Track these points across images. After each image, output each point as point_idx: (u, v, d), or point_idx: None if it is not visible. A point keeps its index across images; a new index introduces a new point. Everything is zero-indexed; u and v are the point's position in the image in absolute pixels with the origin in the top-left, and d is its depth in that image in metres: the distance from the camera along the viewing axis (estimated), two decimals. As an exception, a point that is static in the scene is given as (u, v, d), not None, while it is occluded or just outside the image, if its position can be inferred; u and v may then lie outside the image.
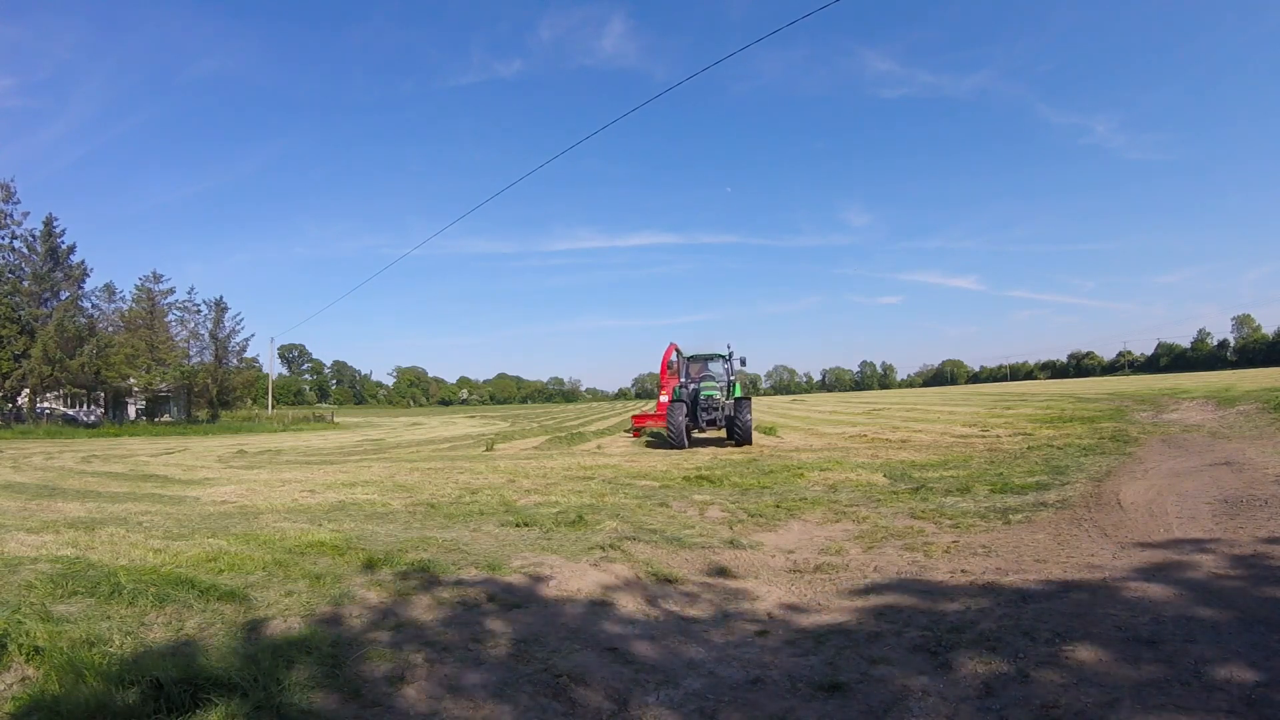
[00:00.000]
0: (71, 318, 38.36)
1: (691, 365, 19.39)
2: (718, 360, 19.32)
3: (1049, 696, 2.78)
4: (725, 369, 19.01)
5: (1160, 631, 3.36)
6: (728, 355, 19.16)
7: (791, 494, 8.65)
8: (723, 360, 19.21)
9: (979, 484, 8.58)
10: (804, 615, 4.19)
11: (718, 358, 19.28)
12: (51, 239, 39.10)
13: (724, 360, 19.19)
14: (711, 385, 17.74)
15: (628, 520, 7.02)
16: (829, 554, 5.62)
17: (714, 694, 3.05)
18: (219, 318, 47.90)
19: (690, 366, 19.34)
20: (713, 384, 17.84)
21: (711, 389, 17.54)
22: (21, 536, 6.34)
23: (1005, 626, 3.59)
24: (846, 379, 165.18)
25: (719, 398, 17.31)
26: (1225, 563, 4.50)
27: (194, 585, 4.48)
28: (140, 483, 12.29)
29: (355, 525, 7.09)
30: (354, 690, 3.03)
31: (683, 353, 19.66)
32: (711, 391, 17.42)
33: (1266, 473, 7.70)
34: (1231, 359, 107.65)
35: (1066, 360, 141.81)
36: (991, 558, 5.22)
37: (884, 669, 3.20)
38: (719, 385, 17.77)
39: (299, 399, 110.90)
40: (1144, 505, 6.64)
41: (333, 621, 3.94)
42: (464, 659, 3.41)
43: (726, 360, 19.18)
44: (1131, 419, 17.64)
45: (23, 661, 3.20)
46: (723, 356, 19.16)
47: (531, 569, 4.98)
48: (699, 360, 19.44)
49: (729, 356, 19.16)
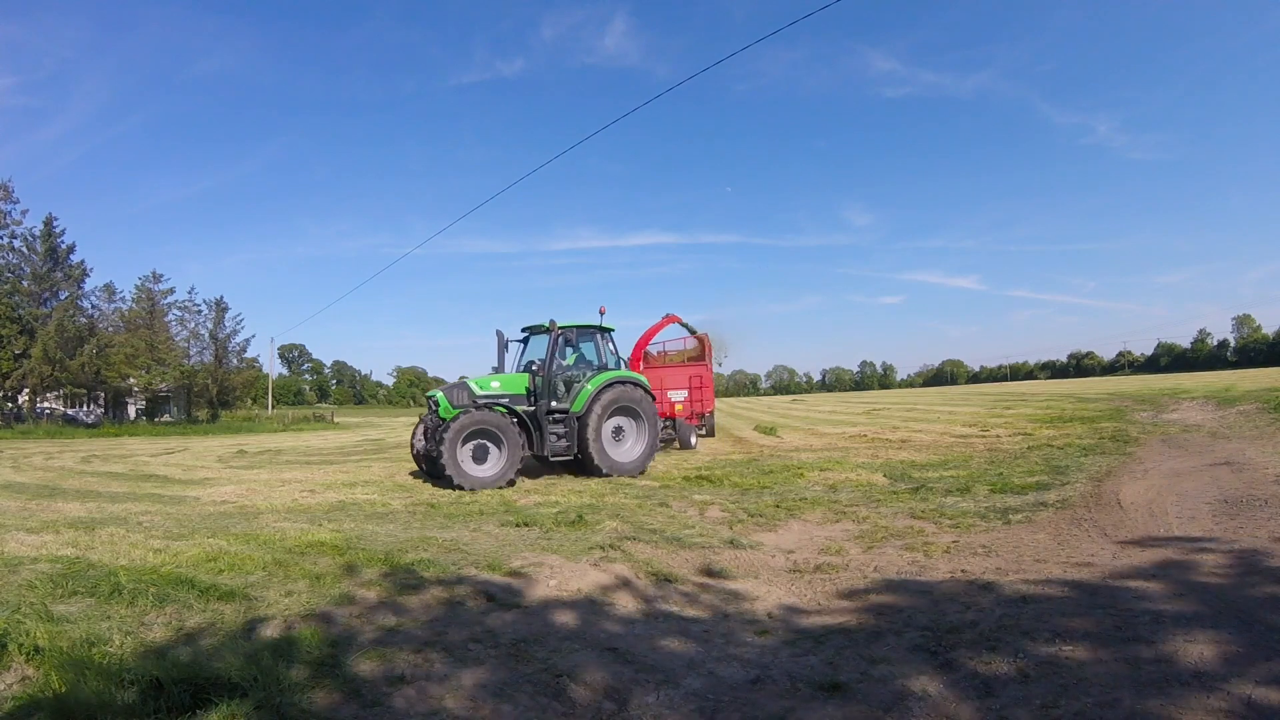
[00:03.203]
0: (71, 318, 38.36)
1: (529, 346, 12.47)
2: (588, 334, 12.23)
3: (1049, 696, 2.78)
4: (601, 350, 12.27)
5: (1160, 631, 3.36)
6: (599, 328, 12.23)
7: (791, 494, 8.65)
8: (596, 334, 12.25)
9: (979, 484, 8.58)
10: (804, 615, 4.19)
11: (590, 331, 12.22)
12: (51, 239, 39.07)
13: (596, 335, 12.25)
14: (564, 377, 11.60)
15: (628, 520, 7.02)
16: (829, 554, 5.62)
17: (714, 694, 3.05)
18: (219, 318, 47.85)
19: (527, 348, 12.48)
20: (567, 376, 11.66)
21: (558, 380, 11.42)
22: (21, 536, 6.35)
23: (1005, 626, 3.59)
24: (846, 379, 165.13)
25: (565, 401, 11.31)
26: (1225, 562, 4.50)
27: (194, 585, 4.48)
28: (140, 483, 12.29)
29: (355, 525, 7.09)
30: (354, 690, 3.03)
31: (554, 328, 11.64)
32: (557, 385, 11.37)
33: (1266, 473, 7.70)
34: (1232, 359, 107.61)
35: (1066, 360, 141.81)
36: (991, 558, 5.22)
37: (884, 669, 3.20)
38: (577, 378, 11.67)
39: (299, 399, 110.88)
40: (1144, 505, 6.64)
41: (332, 621, 3.94)
42: (464, 658, 3.41)
43: (602, 336, 12.29)
44: (1131, 419, 17.64)
45: (23, 661, 3.20)
46: (596, 329, 12.23)
47: (531, 569, 4.99)
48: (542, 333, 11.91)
49: (601, 330, 12.27)
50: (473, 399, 10.97)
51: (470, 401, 10.93)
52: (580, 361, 12.20)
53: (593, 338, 12.34)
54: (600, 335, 12.33)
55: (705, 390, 18.44)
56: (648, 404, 11.95)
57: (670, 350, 20.53)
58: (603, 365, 12.16)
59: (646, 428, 11.90)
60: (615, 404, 11.47)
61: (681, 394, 18.55)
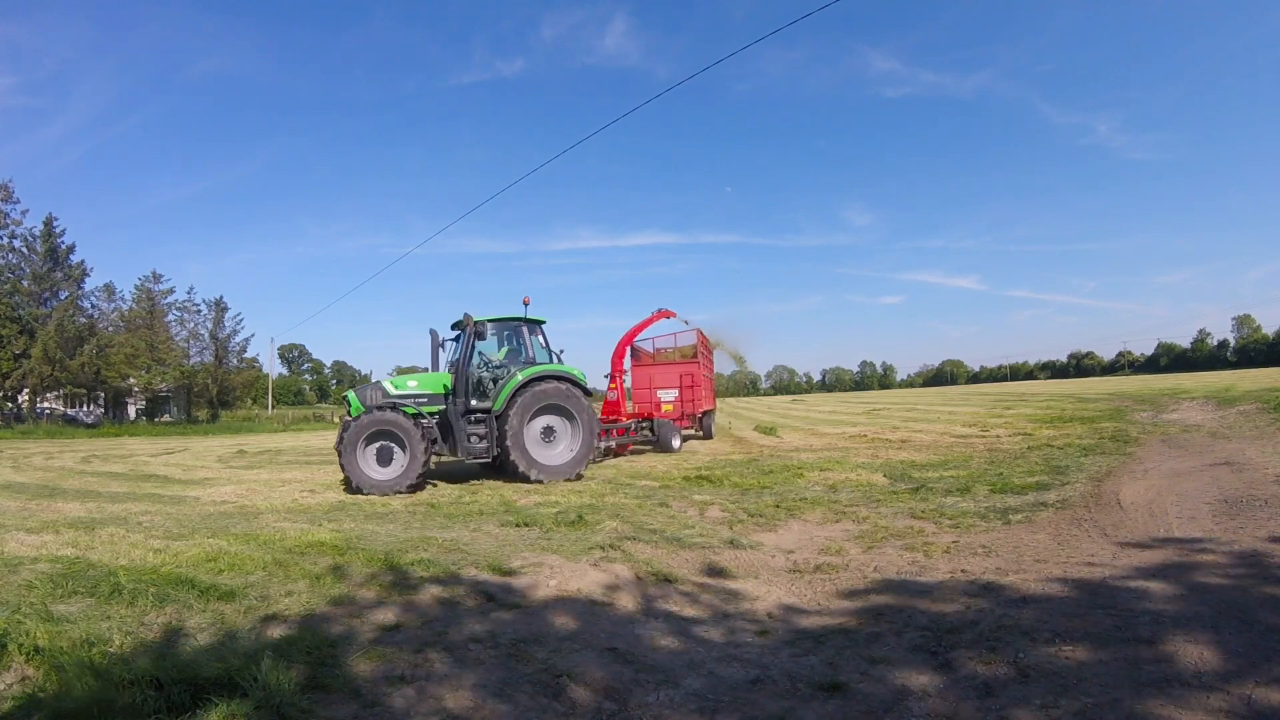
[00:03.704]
0: (71, 318, 38.39)
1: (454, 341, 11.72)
2: (512, 328, 11.65)
3: (1049, 696, 2.78)
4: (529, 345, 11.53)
5: (1160, 631, 3.36)
6: (525, 320, 11.61)
7: (791, 494, 8.65)
8: (523, 327, 11.61)
9: (979, 484, 8.58)
10: (804, 615, 4.19)
11: (514, 324, 11.62)
12: (51, 239, 39.12)
13: (522, 328, 11.61)
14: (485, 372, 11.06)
15: (627, 520, 7.02)
16: (829, 554, 5.62)
17: (714, 694, 3.05)
18: (219, 318, 47.91)
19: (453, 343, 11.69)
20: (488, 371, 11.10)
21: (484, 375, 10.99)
22: (21, 536, 6.35)
23: (1005, 626, 3.59)
24: (847, 379, 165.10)
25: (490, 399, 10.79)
26: (1225, 563, 4.50)
27: (194, 585, 4.48)
28: (140, 483, 12.29)
29: (355, 525, 7.09)
30: (354, 690, 3.03)
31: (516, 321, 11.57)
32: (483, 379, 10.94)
33: (1266, 473, 7.69)
34: (1232, 359, 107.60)
35: (1066, 360, 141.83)
36: (991, 558, 5.22)
37: (884, 669, 3.20)
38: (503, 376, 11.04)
39: (299, 399, 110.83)
40: (1144, 505, 6.64)
41: (332, 621, 3.94)
42: (463, 658, 3.41)
43: (530, 329, 11.66)
44: (1131, 419, 17.64)
45: (23, 661, 3.20)
46: (522, 321, 11.61)
47: (531, 569, 4.99)
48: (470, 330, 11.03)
49: (528, 322, 11.64)
50: (387, 398, 10.67)
51: (383, 401, 10.60)
52: (512, 358, 11.54)
53: (518, 331, 11.63)
54: (528, 328, 11.62)
55: (697, 389, 17.66)
56: (580, 402, 11.15)
57: (662, 347, 19.46)
58: (530, 361, 11.39)
59: (581, 428, 11.11)
60: (541, 402, 10.82)
61: (672, 393, 17.81)
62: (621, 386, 16.31)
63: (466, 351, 10.98)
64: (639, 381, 18.55)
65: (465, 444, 10.65)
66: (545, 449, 11.03)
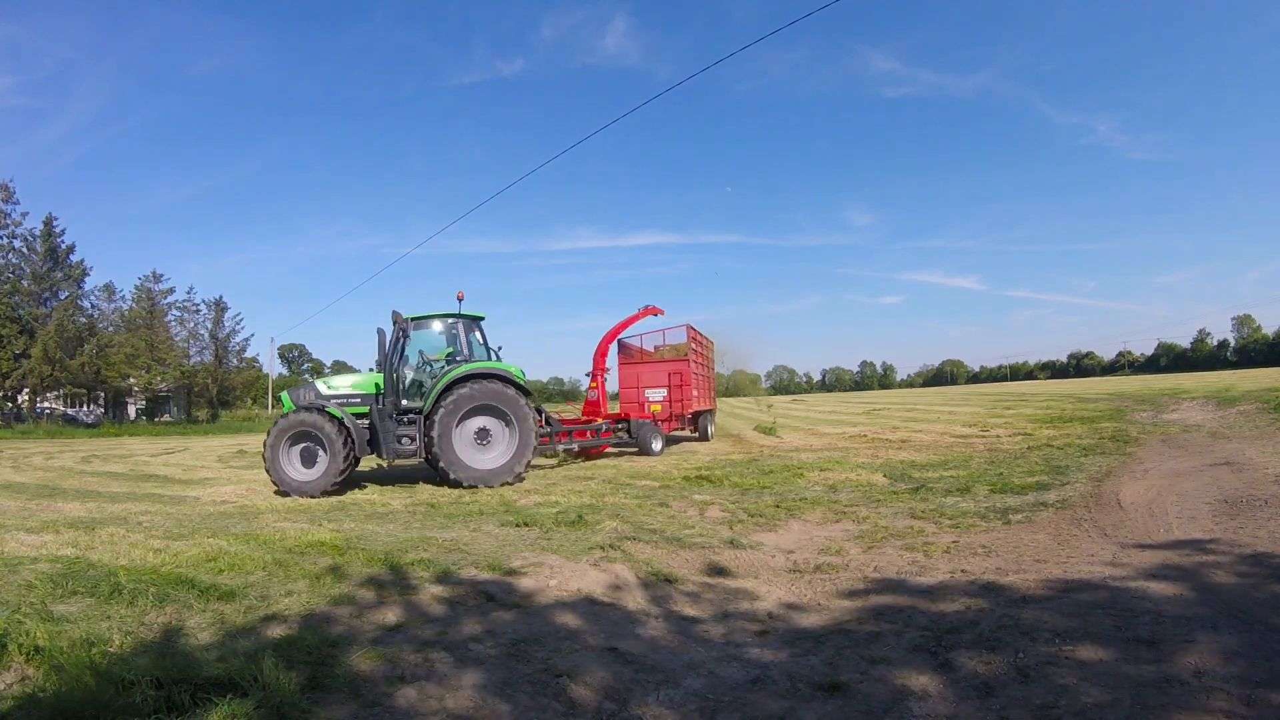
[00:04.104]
0: (71, 318, 38.40)
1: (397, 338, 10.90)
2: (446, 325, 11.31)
3: (1049, 696, 2.78)
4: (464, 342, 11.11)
5: (1160, 631, 3.37)
6: (459, 316, 11.24)
7: (791, 494, 8.65)
8: (458, 324, 11.21)
9: (979, 484, 8.58)
10: (804, 615, 4.19)
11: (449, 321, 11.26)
12: (51, 239, 39.13)
13: (457, 325, 11.21)
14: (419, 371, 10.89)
15: (628, 520, 7.02)
16: (829, 554, 5.62)
17: (714, 694, 3.05)
18: (219, 318, 47.92)
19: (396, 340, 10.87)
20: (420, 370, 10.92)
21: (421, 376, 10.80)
22: (21, 536, 6.35)
23: (1005, 626, 3.59)
24: (847, 379, 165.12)
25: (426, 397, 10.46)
26: (1225, 563, 4.50)
27: (194, 585, 4.48)
28: (140, 483, 12.29)
29: (355, 525, 7.09)
30: (354, 690, 3.03)
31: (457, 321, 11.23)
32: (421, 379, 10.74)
33: (1266, 473, 7.70)
34: (1232, 359, 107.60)
35: (1066, 360, 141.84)
36: (991, 558, 5.22)
37: (884, 669, 3.20)
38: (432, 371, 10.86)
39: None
40: (1144, 505, 6.64)
41: (333, 621, 3.95)
42: (463, 658, 3.41)
43: (466, 325, 11.25)
44: (1131, 419, 17.64)
45: (23, 661, 3.20)
46: (457, 317, 11.24)
47: (531, 569, 4.99)
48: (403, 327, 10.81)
49: (463, 318, 11.26)
50: (319, 398, 10.55)
51: (314, 401, 10.44)
52: (454, 356, 11.11)
53: (453, 328, 11.22)
54: (464, 325, 11.20)
55: (686, 389, 16.80)
56: (516, 402, 10.56)
57: (650, 345, 18.50)
58: (464, 359, 10.98)
59: (518, 430, 10.56)
60: (472, 402, 10.35)
61: (660, 393, 16.98)
62: (603, 385, 15.46)
63: (394, 350, 10.70)
64: (626, 380, 17.77)
65: (392, 445, 10.36)
66: (479, 452, 10.54)
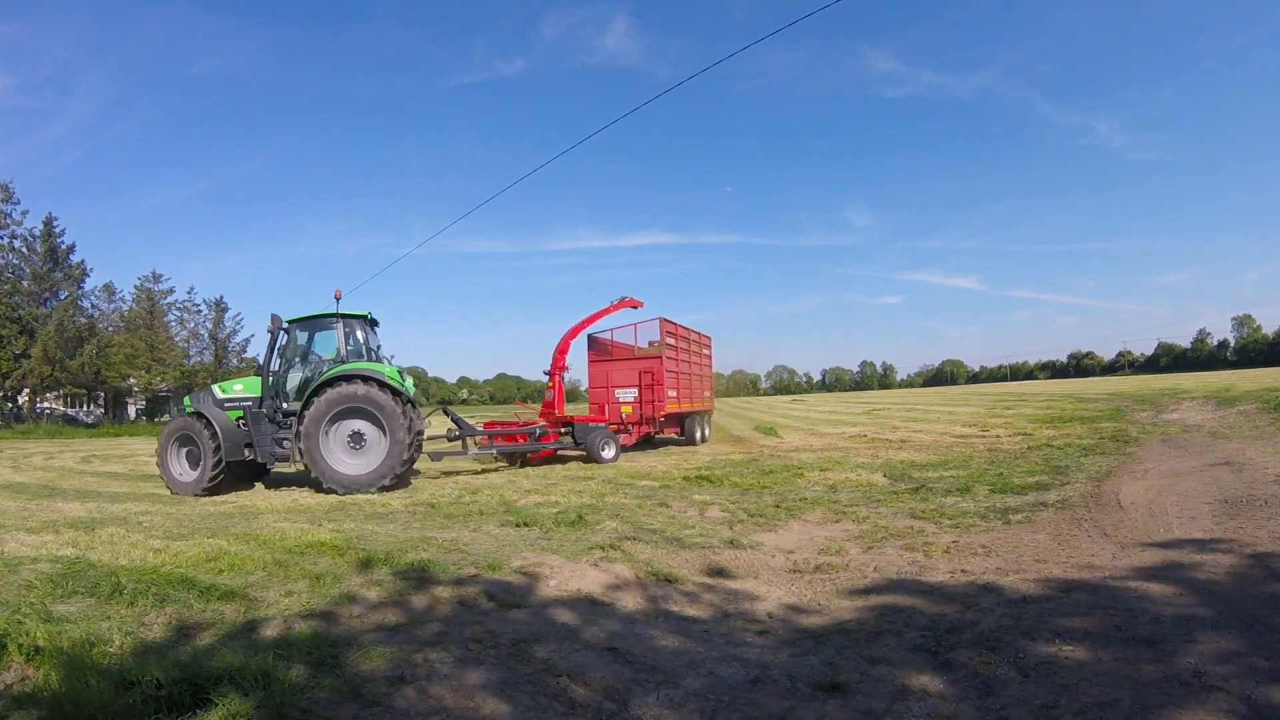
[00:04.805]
0: (71, 318, 38.40)
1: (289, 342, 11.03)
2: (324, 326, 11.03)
3: (1049, 696, 2.78)
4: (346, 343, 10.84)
5: (1160, 631, 3.37)
6: (341, 315, 10.94)
7: (791, 494, 8.65)
8: (338, 324, 10.89)
9: (979, 484, 8.58)
10: (804, 615, 4.19)
11: (328, 322, 10.95)
12: (51, 239, 39.14)
13: (338, 325, 10.90)
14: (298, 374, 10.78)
15: (628, 520, 7.02)
16: (829, 554, 5.62)
17: (714, 694, 3.05)
18: (219, 318, 47.93)
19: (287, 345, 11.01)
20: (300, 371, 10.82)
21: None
22: (21, 536, 6.34)
23: (1005, 626, 3.59)
24: (847, 379, 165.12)
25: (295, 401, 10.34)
26: (1225, 562, 4.50)
27: (194, 585, 4.48)
28: (140, 483, 12.29)
29: (355, 525, 7.09)
30: (354, 690, 3.03)
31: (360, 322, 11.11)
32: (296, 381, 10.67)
33: (1266, 473, 7.70)
34: (1232, 359, 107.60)
35: (1066, 360, 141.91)
36: (991, 558, 5.22)
37: (884, 669, 3.20)
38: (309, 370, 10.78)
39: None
40: (1144, 505, 6.64)
41: (332, 621, 3.94)
42: (464, 658, 3.41)
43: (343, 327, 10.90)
44: (1131, 419, 17.64)
45: (23, 661, 3.20)
46: (337, 317, 10.91)
47: (531, 569, 4.98)
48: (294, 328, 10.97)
49: (345, 318, 10.95)
50: (215, 402, 10.77)
51: (212, 405, 10.67)
52: (344, 356, 10.80)
53: (333, 329, 10.91)
54: (343, 325, 10.88)
55: (659, 389, 15.48)
56: (389, 406, 10.04)
57: (620, 341, 16.85)
58: (340, 360, 10.66)
59: (389, 435, 10.10)
60: (341, 405, 9.98)
61: (631, 393, 15.77)
62: (560, 385, 14.32)
63: (271, 352, 10.77)
64: (596, 379, 16.63)
65: (268, 448, 10.46)
66: (352, 457, 10.22)
